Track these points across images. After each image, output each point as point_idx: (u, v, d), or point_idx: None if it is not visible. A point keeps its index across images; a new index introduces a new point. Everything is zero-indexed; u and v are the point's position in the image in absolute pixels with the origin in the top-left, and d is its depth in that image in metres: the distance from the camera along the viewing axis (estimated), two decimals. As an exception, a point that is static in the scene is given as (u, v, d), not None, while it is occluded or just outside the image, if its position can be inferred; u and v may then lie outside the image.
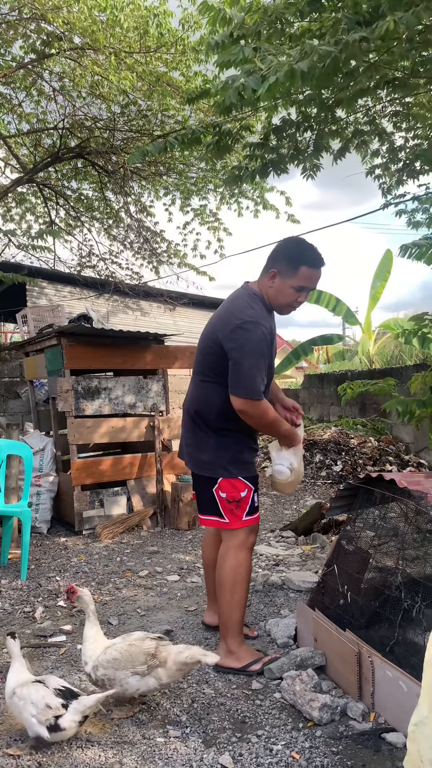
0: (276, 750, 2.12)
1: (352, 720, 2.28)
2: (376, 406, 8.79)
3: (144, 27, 6.67)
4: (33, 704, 2.10)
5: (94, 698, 2.14)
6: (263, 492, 7.12)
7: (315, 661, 2.58)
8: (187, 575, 4.10)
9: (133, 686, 2.31)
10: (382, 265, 12.31)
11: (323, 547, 4.59)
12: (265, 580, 3.82)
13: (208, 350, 2.74)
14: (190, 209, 9.58)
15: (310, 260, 2.67)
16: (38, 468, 5.44)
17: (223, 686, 2.59)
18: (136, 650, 2.34)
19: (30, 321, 7.66)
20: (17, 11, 6.70)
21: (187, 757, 2.09)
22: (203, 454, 2.78)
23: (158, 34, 6.79)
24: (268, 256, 2.76)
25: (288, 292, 2.70)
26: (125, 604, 3.60)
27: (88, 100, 7.92)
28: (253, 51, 3.20)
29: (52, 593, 3.82)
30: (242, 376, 2.58)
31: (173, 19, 6.79)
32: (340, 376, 9.84)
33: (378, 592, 2.63)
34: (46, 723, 2.08)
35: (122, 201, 9.47)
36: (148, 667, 2.31)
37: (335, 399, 9.49)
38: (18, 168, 9.35)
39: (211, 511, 2.82)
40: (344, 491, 2.96)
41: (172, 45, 6.89)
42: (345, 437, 8.15)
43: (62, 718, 2.09)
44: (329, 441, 8.12)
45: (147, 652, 2.33)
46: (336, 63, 2.97)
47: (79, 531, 5.27)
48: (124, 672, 2.31)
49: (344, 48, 2.91)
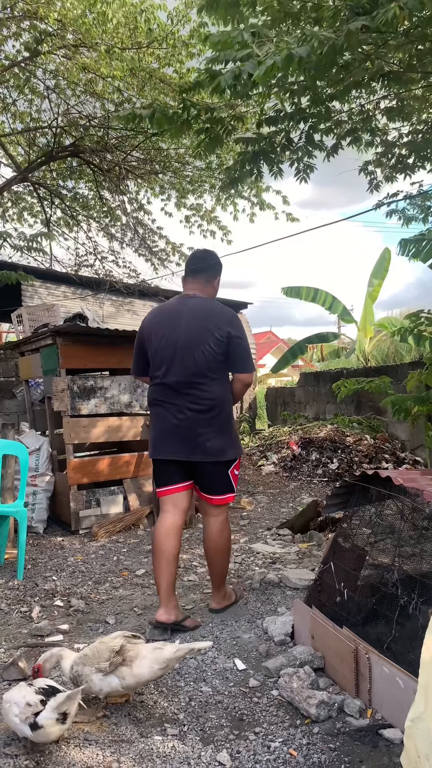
0: (273, 747, 2.12)
1: (349, 716, 2.28)
2: (371, 404, 8.81)
3: (133, 22, 6.64)
4: (15, 704, 2.09)
5: (67, 693, 2.10)
6: (259, 490, 7.13)
7: (314, 665, 2.58)
8: (184, 574, 4.10)
9: (96, 684, 2.29)
10: (380, 263, 12.31)
11: (320, 544, 4.60)
12: (262, 578, 3.82)
13: (205, 352, 3.08)
14: (186, 207, 9.56)
15: (221, 265, 3.39)
16: (34, 468, 5.43)
17: (221, 684, 2.59)
18: (103, 647, 2.33)
19: (25, 320, 7.64)
20: (9, 8, 6.68)
21: (184, 755, 2.09)
22: (221, 441, 3.14)
23: (147, 29, 6.77)
24: (201, 268, 3.32)
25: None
26: (122, 603, 3.60)
27: (82, 98, 7.89)
28: (252, 36, 3.18)
29: (48, 593, 3.81)
30: (249, 354, 3.21)
31: (161, 12, 6.77)
32: (336, 374, 9.85)
33: (374, 590, 2.63)
34: (27, 722, 2.05)
35: (118, 199, 9.45)
36: (110, 664, 2.28)
37: (331, 397, 9.51)
38: (12, 167, 9.32)
39: (225, 490, 3.24)
40: (340, 489, 2.96)
41: (162, 39, 6.87)
42: (341, 435, 8.16)
43: (40, 715, 2.04)
44: (325, 439, 8.13)
45: (112, 648, 2.31)
46: (334, 50, 2.97)
47: (75, 530, 5.26)
48: (89, 668, 2.30)
49: (346, 37, 2.91)
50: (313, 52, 3.01)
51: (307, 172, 4.76)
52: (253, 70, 3.08)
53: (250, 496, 6.78)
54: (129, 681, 2.30)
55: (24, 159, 9.19)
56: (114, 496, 5.48)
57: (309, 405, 10.64)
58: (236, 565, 4.25)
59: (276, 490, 7.15)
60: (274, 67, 3.01)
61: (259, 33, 3.24)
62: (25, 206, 10.09)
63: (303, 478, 7.56)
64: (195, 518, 5.56)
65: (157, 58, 7.10)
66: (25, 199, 10.03)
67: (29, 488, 5.28)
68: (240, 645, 2.96)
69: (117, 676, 2.30)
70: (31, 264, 9.66)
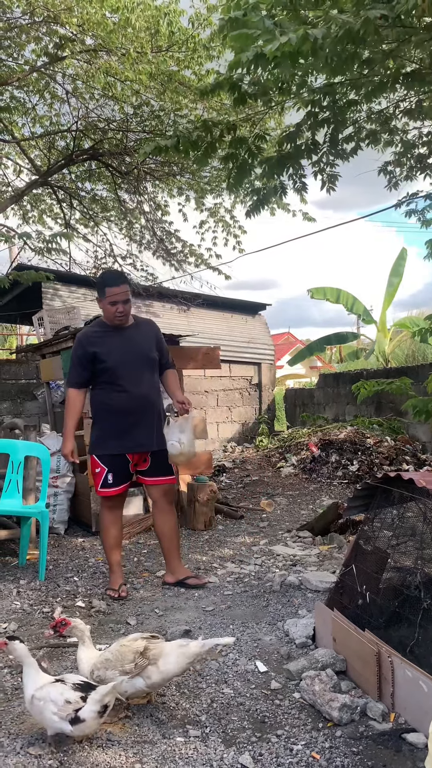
0: (296, 750, 2.12)
1: (372, 720, 2.27)
2: (392, 405, 8.74)
3: (155, 26, 6.67)
4: (53, 702, 2.11)
5: (110, 685, 2.14)
6: (279, 492, 7.12)
7: (336, 668, 2.57)
8: (204, 575, 4.11)
9: (121, 687, 2.30)
10: (398, 263, 12.24)
11: (340, 547, 4.58)
12: (282, 580, 3.81)
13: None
14: (204, 208, 9.57)
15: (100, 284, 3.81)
16: (55, 469, 5.47)
17: (242, 686, 2.59)
18: (125, 650, 2.36)
19: (46, 323, 7.70)
20: (29, 14, 6.75)
21: (207, 757, 2.09)
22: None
23: (169, 32, 6.79)
24: None
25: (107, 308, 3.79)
26: (143, 605, 3.61)
27: (101, 101, 7.94)
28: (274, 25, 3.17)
29: (70, 593, 3.84)
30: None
31: (183, 17, 6.79)
32: (356, 375, 9.80)
33: (397, 592, 2.61)
34: (68, 718, 2.09)
35: (136, 201, 9.49)
36: (135, 665, 2.31)
37: (351, 398, 9.45)
38: (32, 171, 9.41)
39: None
40: (362, 491, 2.95)
41: (183, 43, 6.89)
42: (361, 437, 8.11)
43: (82, 710, 2.09)
44: (345, 441, 8.08)
45: (136, 650, 2.33)
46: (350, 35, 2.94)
47: (96, 531, 5.28)
48: (113, 672, 2.32)
49: (363, 23, 2.88)
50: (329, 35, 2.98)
51: (333, 180, 4.73)
52: (274, 47, 3.05)
53: (270, 497, 6.77)
54: (155, 679, 2.33)
55: (43, 162, 9.27)
56: (133, 498, 5.50)
57: (328, 406, 10.59)
58: (256, 567, 4.25)
59: (295, 491, 7.13)
60: (289, 47, 2.98)
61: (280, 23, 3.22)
62: (44, 209, 10.19)
63: (323, 480, 7.53)
64: (214, 520, 5.56)
65: (176, 61, 7.12)
66: (44, 201, 10.13)
67: (50, 489, 5.31)
68: (261, 647, 2.95)
69: (142, 676, 2.32)
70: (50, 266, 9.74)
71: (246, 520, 5.78)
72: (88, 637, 2.50)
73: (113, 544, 3.85)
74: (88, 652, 2.46)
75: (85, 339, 3.82)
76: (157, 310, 10.28)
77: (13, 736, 2.24)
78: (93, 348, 3.74)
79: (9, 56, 7.68)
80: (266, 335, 11.85)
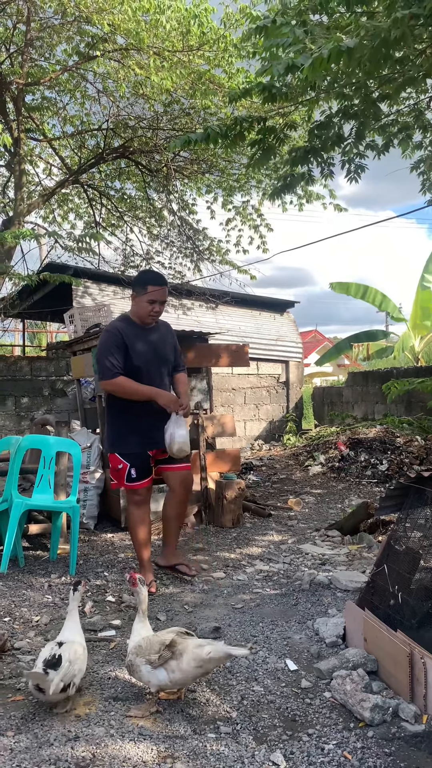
0: (327, 749, 2.11)
1: (404, 721, 2.25)
2: (422, 404, 8.64)
3: (186, 26, 6.69)
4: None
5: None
6: (306, 491, 7.09)
7: (367, 668, 2.55)
8: (233, 572, 4.12)
9: (144, 676, 2.36)
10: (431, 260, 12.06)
11: (370, 546, 4.54)
12: (311, 579, 3.79)
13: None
14: (231, 207, 9.57)
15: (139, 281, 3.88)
16: (85, 465, 5.53)
17: (273, 684, 2.59)
18: (155, 639, 2.40)
19: (77, 320, 7.77)
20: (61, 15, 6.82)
21: (238, 754, 2.10)
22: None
23: (200, 32, 6.81)
24: None
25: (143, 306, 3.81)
26: (172, 601, 3.63)
27: (132, 100, 7.99)
28: (304, 33, 3.17)
29: (100, 588, 3.88)
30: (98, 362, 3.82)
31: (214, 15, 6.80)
32: (385, 374, 9.70)
33: (429, 593, 2.59)
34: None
35: (165, 199, 9.53)
36: (159, 657, 2.32)
37: (380, 397, 9.37)
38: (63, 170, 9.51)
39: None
40: (394, 491, 2.92)
41: (214, 42, 6.89)
42: (391, 436, 8.03)
43: None
44: (374, 439, 8.01)
45: (162, 642, 2.36)
46: (386, 42, 2.92)
47: (125, 527, 5.33)
48: (141, 659, 2.37)
49: (393, 24, 2.85)
50: (361, 44, 2.96)
51: (358, 172, 4.70)
52: (306, 62, 3.06)
53: (297, 496, 6.74)
54: (176, 675, 2.34)
55: (73, 161, 9.37)
56: (163, 494, 5.52)
57: (357, 405, 10.51)
58: (285, 566, 4.24)
59: (323, 490, 7.10)
60: (321, 60, 2.97)
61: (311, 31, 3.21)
62: (73, 207, 10.29)
63: (351, 479, 7.48)
64: (242, 518, 5.56)
65: (207, 60, 7.13)
66: (72, 200, 10.23)
67: (81, 485, 5.37)
68: (291, 645, 2.95)
69: (166, 669, 2.34)
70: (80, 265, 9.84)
71: (274, 518, 5.77)
72: (144, 609, 2.56)
73: (143, 542, 3.88)
74: (140, 626, 2.53)
75: (118, 331, 3.79)
76: (186, 306, 10.32)
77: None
78: (126, 340, 3.75)
79: (41, 56, 7.78)
80: (294, 333, 11.80)
